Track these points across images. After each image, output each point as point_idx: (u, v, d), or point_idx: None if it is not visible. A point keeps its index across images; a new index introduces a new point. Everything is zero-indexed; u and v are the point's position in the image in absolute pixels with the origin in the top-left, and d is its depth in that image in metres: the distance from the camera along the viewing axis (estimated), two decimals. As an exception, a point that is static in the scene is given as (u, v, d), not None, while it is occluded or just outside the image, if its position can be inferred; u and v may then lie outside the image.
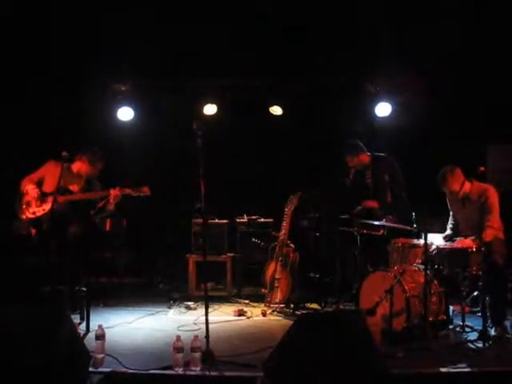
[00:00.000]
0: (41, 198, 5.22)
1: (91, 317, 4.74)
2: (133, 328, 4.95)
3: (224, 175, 6.78)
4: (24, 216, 5.22)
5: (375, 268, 5.05)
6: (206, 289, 4.17)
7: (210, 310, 5.16)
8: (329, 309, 5.74)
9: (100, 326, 3.92)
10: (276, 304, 5.72)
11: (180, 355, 3.68)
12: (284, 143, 7.17)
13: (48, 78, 6.51)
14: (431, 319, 4.53)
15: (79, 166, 5.43)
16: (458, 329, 4.68)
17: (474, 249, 4.54)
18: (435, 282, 4.69)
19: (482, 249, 4.52)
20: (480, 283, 4.57)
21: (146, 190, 5.32)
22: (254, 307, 5.85)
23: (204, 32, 6.06)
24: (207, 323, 3.96)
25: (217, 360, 3.83)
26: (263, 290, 5.96)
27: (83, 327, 4.66)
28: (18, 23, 5.96)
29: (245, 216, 6.69)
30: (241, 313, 5.52)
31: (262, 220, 6.64)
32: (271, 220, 6.58)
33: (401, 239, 5.04)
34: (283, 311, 5.65)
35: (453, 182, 4.99)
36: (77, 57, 6.30)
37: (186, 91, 7.02)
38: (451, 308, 4.91)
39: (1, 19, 5.79)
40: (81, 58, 6.32)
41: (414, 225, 5.12)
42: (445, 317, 4.72)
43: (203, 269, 5.13)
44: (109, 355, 3.87)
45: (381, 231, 5.35)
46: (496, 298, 4.53)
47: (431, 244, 4.75)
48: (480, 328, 4.45)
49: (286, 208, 5.94)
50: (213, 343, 3.91)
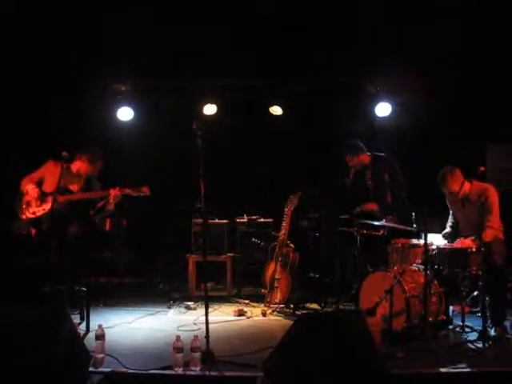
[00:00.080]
0: (41, 198, 5.23)
1: (91, 317, 4.73)
2: (133, 328, 4.95)
3: (224, 175, 6.78)
4: (24, 216, 5.23)
5: (375, 268, 5.04)
6: (206, 289, 4.16)
7: (210, 310, 5.15)
8: (329, 309, 5.73)
9: (100, 326, 3.92)
10: (276, 304, 5.72)
11: (180, 355, 3.67)
12: (284, 143, 7.17)
13: (48, 78, 6.51)
14: (431, 319, 4.53)
15: (79, 166, 5.44)
16: (458, 329, 4.68)
17: (474, 249, 4.54)
18: (435, 282, 4.69)
19: (482, 249, 4.52)
20: (480, 283, 4.58)
21: (146, 190, 5.32)
22: (254, 307, 5.85)
23: (204, 32, 6.06)
24: (207, 323, 3.96)
25: (217, 360, 3.83)
26: (263, 290, 5.96)
27: (83, 327, 4.66)
28: (18, 23, 5.97)
29: (245, 216, 6.69)
30: (241, 313, 5.52)
31: (262, 220, 6.64)
32: (271, 220, 6.58)
33: (401, 239, 5.03)
34: (283, 311, 5.65)
35: (452, 183, 4.99)
36: (77, 57, 6.30)
37: (186, 91, 7.01)
38: (451, 308, 4.91)
39: (1, 19, 5.79)
40: (81, 58, 6.33)
41: (414, 225, 5.13)
42: (445, 317, 4.72)
43: (203, 269, 5.12)
44: (109, 355, 3.87)
45: (381, 231, 5.34)
46: (496, 298, 4.53)
47: (431, 244, 4.75)
48: (480, 328, 4.45)
49: (286, 208, 5.94)
50: (213, 343, 3.91)
